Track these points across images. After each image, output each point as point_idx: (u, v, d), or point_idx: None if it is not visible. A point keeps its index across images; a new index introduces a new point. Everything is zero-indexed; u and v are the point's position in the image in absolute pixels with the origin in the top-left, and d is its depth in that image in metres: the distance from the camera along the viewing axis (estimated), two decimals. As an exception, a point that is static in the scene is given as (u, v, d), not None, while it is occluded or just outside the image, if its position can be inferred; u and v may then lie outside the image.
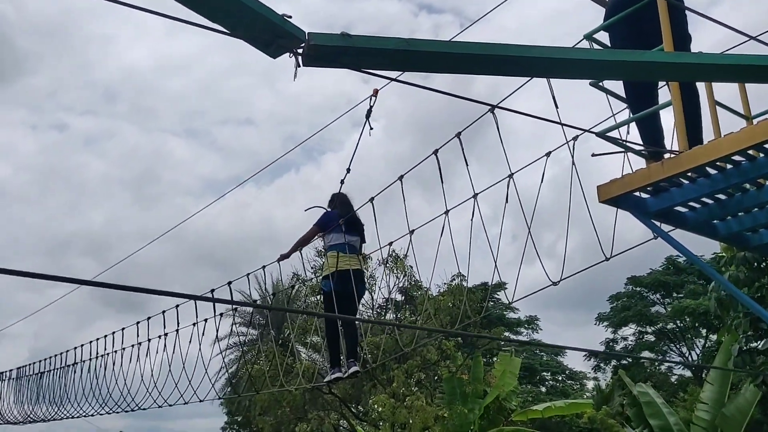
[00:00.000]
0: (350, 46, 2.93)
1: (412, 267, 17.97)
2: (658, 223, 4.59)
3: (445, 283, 18.03)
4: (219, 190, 73.06)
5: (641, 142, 4.91)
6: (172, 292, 3.78)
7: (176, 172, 72.85)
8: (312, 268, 13.24)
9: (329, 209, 8.78)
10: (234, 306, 10.16)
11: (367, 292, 18.13)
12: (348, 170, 7.92)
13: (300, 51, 2.92)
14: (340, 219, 8.46)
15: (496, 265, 6.50)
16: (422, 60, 3.12)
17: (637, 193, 4.64)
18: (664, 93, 4.93)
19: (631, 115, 4.82)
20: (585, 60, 3.79)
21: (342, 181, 8.11)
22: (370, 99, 7.10)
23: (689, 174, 4.37)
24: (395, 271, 17.56)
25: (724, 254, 10.32)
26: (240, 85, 75.20)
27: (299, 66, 2.97)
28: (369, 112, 7.01)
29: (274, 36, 2.82)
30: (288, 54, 2.93)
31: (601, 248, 5.76)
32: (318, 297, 10.49)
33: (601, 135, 4.63)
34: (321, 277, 8.81)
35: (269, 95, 74.41)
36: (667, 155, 4.43)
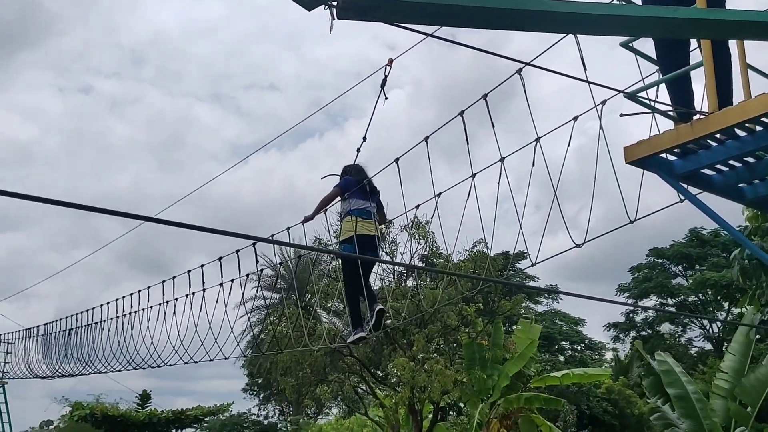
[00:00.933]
0: (385, -2, 2.94)
1: (433, 233, 17.96)
2: (685, 186, 4.58)
3: (466, 250, 18.08)
4: (243, 155, 73.69)
5: (671, 104, 4.89)
6: (233, 233, 3.84)
7: (201, 137, 73.34)
8: (334, 232, 13.35)
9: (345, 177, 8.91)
10: (259, 270, 10.27)
11: (388, 258, 18.28)
12: (364, 139, 7.99)
13: (335, 3, 2.95)
14: (356, 185, 8.56)
15: (521, 229, 6.54)
16: (455, 14, 3.13)
17: (663, 155, 4.64)
18: (696, 56, 4.89)
19: (662, 77, 4.79)
20: (616, 16, 3.77)
21: (358, 150, 8.19)
22: (385, 69, 7.16)
23: (718, 136, 4.35)
24: (417, 237, 17.62)
25: (749, 224, 10.22)
26: (265, 50, 75.13)
27: (334, 18, 3.00)
28: (384, 81, 7.08)
29: (310, -13, 2.85)
30: (323, 6, 2.96)
31: (626, 211, 5.78)
32: (339, 261, 10.60)
33: (631, 96, 4.62)
34: (340, 242, 8.91)
35: (294, 61, 74.24)
36: (696, 117, 4.41)
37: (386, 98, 7.22)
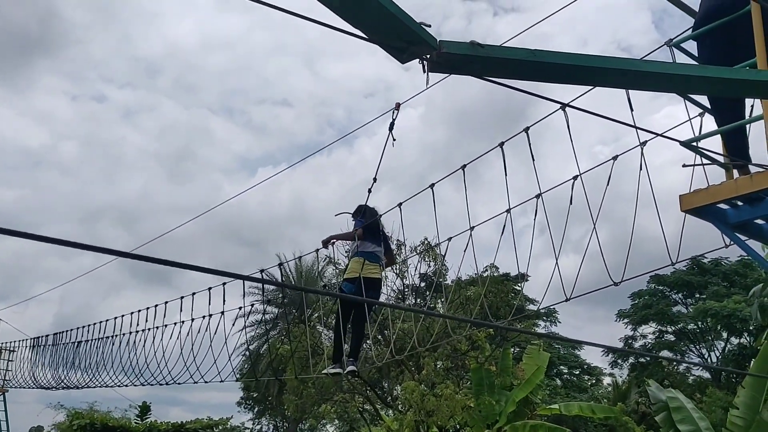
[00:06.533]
0: (479, 55, 2.99)
1: (443, 257, 18.00)
2: (743, 237, 4.63)
3: (476, 274, 18.07)
4: (252, 168, 73.96)
5: (722, 152, 4.95)
6: (224, 272, 3.90)
7: (211, 149, 73.55)
8: (346, 253, 13.54)
9: (354, 218, 9.12)
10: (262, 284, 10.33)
11: (399, 279, 18.31)
12: (374, 179, 8.14)
13: (429, 58, 3.00)
14: (368, 229, 8.83)
15: (557, 262, 6.61)
16: (545, 71, 3.18)
17: (719, 205, 4.69)
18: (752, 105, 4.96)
19: (717, 122, 4.85)
20: (675, 75, 3.83)
21: (369, 190, 8.35)
22: (393, 113, 7.27)
23: (776, 188, 4.40)
24: (427, 260, 17.63)
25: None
26: (280, 66, 75.62)
27: (426, 72, 3.05)
28: (392, 125, 7.18)
29: (408, 43, 2.90)
30: (418, 60, 3.01)
31: (668, 253, 5.85)
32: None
33: (687, 145, 4.67)
34: (343, 279, 9.22)
35: (308, 77, 74.58)
36: (754, 168, 4.47)
37: (394, 140, 7.32)
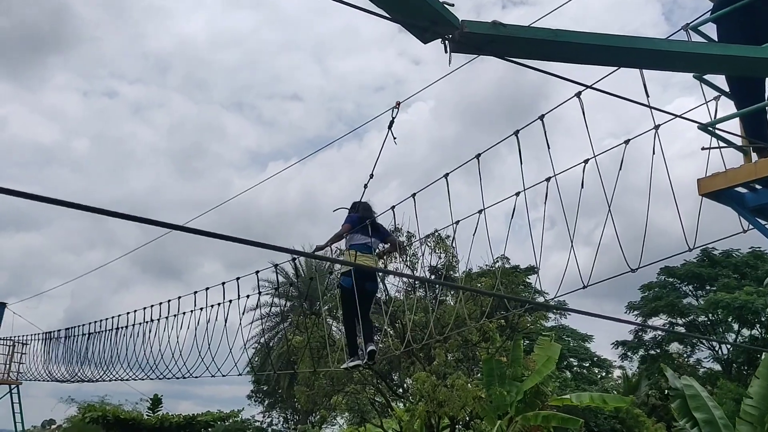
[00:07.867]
0: (500, 35, 2.99)
1: (454, 248, 18.02)
2: (763, 222, 4.60)
3: (487, 265, 18.09)
4: (262, 163, 74.11)
5: (740, 135, 4.93)
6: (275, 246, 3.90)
7: (221, 144, 73.77)
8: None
9: (349, 213, 9.29)
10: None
11: (407, 269, 18.33)
12: (371, 176, 8.17)
13: (451, 37, 3.00)
14: (361, 222, 8.89)
15: (572, 245, 6.59)
16: (567, 50, 3.17)
17: (736, 189, 4.66)
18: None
19: (736, 106, 4.82)
20: (697, 54, 3.81)
21: (365, 186, 8.40)
22: (393, 111, 7.28)
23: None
24: (437, 251, 17.63)
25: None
26: (291, 61, 75.85)
27: (448, 52, 3.05)
28: (391, 123, 7.20)
29: (431, 22, 2.90)
30: (439, 40, 3.01)
31: (685, 239, 5.83)
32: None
33: (704, 128, 4.64)
34: (340, 273, 9.36)
35: (318, 72, 74.65)
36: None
37: (395, 138, 7.34)
